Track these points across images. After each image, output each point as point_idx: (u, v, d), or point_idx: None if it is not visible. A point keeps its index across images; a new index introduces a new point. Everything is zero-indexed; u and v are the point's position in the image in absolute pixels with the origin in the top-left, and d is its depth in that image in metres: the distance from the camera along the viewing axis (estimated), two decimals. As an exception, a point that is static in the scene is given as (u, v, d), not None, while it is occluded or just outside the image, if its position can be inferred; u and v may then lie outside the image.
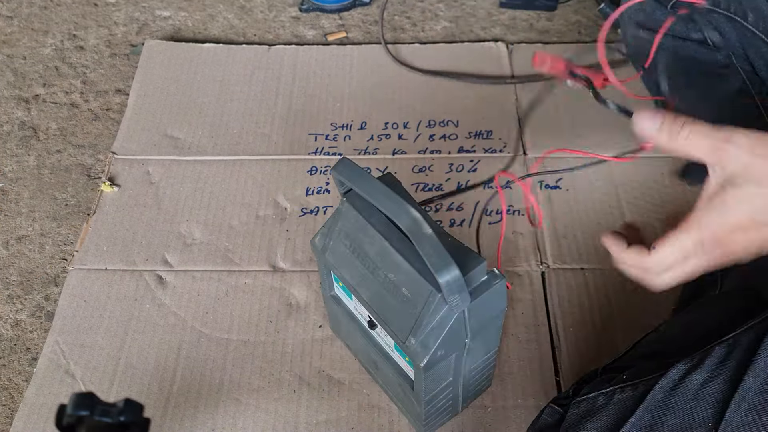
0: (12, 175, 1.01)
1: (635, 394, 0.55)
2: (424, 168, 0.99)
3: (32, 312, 0.87)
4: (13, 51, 1.18)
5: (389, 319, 0.60)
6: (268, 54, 1.15)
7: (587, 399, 0.58)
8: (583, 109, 1.05)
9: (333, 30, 1.22)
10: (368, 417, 0.76)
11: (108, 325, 0.83)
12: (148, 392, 0.78)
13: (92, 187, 0.99)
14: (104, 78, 1.14)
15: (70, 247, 0.92)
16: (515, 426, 0.75)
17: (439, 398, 0.67)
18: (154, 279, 0.87)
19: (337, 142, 1.02)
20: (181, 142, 1.02)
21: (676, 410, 0.52)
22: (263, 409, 0.77)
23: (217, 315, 0.84)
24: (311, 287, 0.86)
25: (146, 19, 1.24)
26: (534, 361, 0.80)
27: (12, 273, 0.90)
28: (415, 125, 1.04)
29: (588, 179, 0.97)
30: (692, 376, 0.53)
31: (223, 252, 0.90)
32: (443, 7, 1.26)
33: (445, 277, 0.51)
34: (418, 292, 0.57)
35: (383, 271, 0.59)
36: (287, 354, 0.81)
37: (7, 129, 1.06)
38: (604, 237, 0.55)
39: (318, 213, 0.94)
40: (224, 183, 0.97)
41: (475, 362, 0.66)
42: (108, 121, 1.07)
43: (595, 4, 1.24)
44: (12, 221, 0.95)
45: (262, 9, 1.26)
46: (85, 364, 0.80)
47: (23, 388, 0.80)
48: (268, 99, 1.08)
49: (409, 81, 1.10)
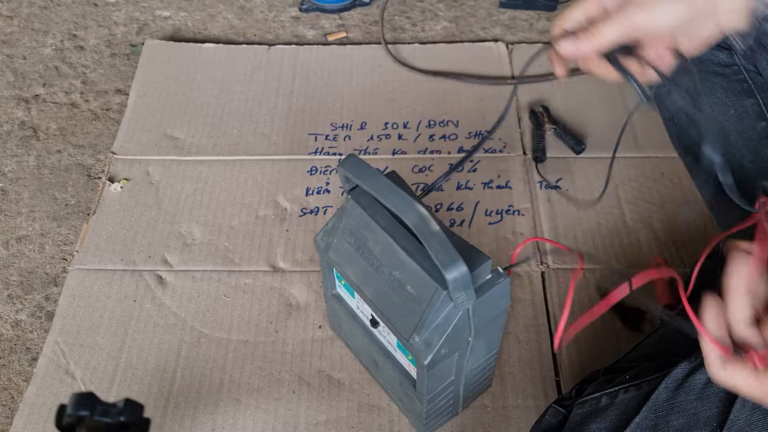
0: (12, 175, 1.00)
1: (639, 394, 0.55)
2: (424, 168, 0.99)
3: (32, 312, 0.86)
4: (13, 51, 1.18)
5: (393, 317, 0.60)
6: (268, 54, 1.15)
7: (591, 399, 0.58)
8: (583, 110, 1.05)
9: (333, 30, 1.22)
10: (368, 417, 0.76)
11: (108, 325, 0.83)
12: (148, 392, 0.78)
13: (92, 187, 0.98)
14: (104, 78, 1.14)
15: (70, 247, 0.92)
16: (515, 426, 0.75)
17: (441, 397, 0.67)
18: (154, 279, 0.87)
19: (337, 142, 1.02)
20: (181, 142, 1.02)
21: (680, 410, 0.52)
22: (263, 409, 0.77)
23: (217, 315, 0.84)
24: (311, 287, 0.86)
25: (146, 19, 1.24)
26: (534, 361, 0.80)
27: (12, 273, 0.90)
28: (415, 125, 1.04)
29: (588, 179, 0.97)
30: (696, 376, 0.53)
31: (223, 252, 0.90)
32: (443, 7, 1.26)
33: (452, 273, 0.51)
34: (423, 289, 0.57)
35: (388, 269, 0.59)
36: (287, 354, 0.81)
37: (7, 129, 1.06)
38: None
39: (318, 213, 0.94)
40: (224, 183, 0.97)
41: (476, 361, 0.66)
42: (108, 121, 1.07)
43: (595, 5, 1.24)
44: (12, 221, 0.95)
45: (262, 9, 1.26)
46: (85, 364, 0.80)
47: (23, 388, 0.79)
48: (268, 99, 1.08)
49: (409, 81, 1.10)
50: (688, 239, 0.90)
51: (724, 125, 0.68)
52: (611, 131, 0.93)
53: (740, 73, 0.67)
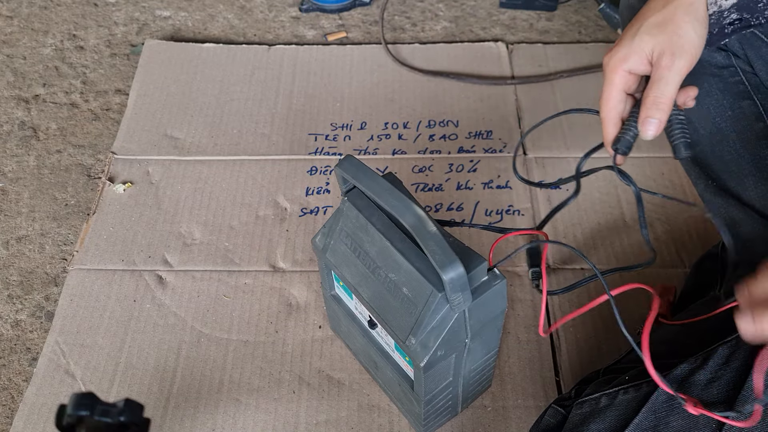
0: (12, 175, 1.00)
1: (638, 394, 0.55)
2: (424, 168, 0.99)
3: (32, 312, 0.86)
4: (13, 51, 1.18)
5: (389, 319, 0.60)
6: (268, 54, 1.15)
7: (590, 400, 0.58)
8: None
9: (333, 30, 1.22)
10: (368, 417, 0.76)
11: (108, 325, 0.83)
12: (148, 392, 0.78)
13: (92, 187, 0.99)
14: (104, 78, 1.14)
15: (70, 247, 0.92)
16: (515, 426, 0.75)
17: (439, 398, 0.67)
18: (154, 279, 0.87)
19: (337, 142, 1.02)
20: (181, 142, 1.02)
21: (680, 411, 0.52)
22: (263, 409, 0.77)
23: (217, 315, 0.84)
24: (311, 287, 0.86)
25: (146, 19, 1.24)
26: (534, 361, 0.80)
27: (12, 273, 0.90)
28: (415, 125, 1.04)
29: (588, 179, 0.96)
30: (696, 377, 0.53)
31: (223, 252, 0.90)
32: (443, 7, 1.26)
33: (449, 274, 0.51)
34: (418, 291, 0.57)
35: (384, 271, 0.59)
36: (287, 354, 0.81)
37: (7, 129, 1.06)
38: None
39: (318, 213, 0.94)
40: (224, 183, 0.97)
41: (475, 362, 0.66)
42: (108, 121, 1.07)
43: (595, 4, 1.24)
44: (12, 221, 0.95)
45: (262, 9, 1.26)
46: (85, 364, 0.80)
47: (23, 388, 0.79)
48: (268, 99, 1.08)
49: (409, 81, 1.10)
50: (688, 239, 0.90)
51: (721, 127, 0.68)
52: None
53: (737, 74, 0.67)
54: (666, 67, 0.55)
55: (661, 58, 0.56)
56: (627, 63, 0.57)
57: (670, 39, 0.56)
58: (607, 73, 0.59)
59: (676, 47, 0.55)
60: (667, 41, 0.56)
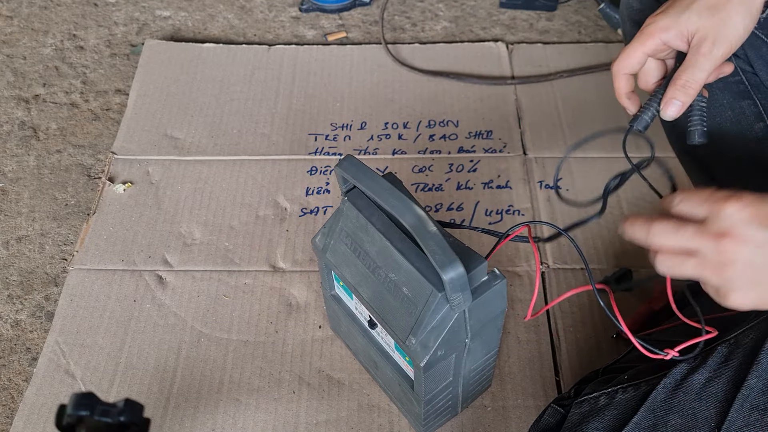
0: (12, 175, 1.00)
1: (637, 394, 0.55)
2: (424, 168, 0.99)
3: (32, 312, 0.86)
4: (13, 51, 1.18)
5: (389, 319, 0.60)
6: (268, 54, 1.15)
7: (589, 399, 0.58)
8: (583, 110, 1.05)
9: (333, 30, 1.22)
10: (368, 417, 0.76)
11: (108, 325, 0.83)
12: (148, 392, 0.78)
13: (92, 187, 0.99)
14: (104, 78, 1.14)
15: (70, 247, 0.92)
16: (515, 426, 0.75)
17: (439, 398, 0.67)
18: (154, 279, 0.87)
19: (337, 142, 1.02)
20: (181, 142, 1.02)
21: (679, 410, 0.52)
22: (263, 409, 0.77)
23: (217, 315, 0.84)
24: (311, 287, 0.86)
25: (146, 19, 1.24)
26: (534, 361, 0.80)
27: (12, 273, 0.90)
28: (415, 125, 1.04)
29: (587, 179, 0.97)
30: (695, 376, 0.53)
31: (223, 252, 0.90)
32: (443, 7, 1.26)
33: (449, 274, 0.51)
34: (418, 291, 0.57)
35: (384, 271, 0.59)
36: (287, 354, 0.81)
37: (7, 129, 1.06)
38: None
39: (318, 213, 0.94)
40: (224, 183, 0.97)
41: (475, 362, 0.66)
42: (108, 121, 1.07)
43: (595, 4, 1.24)
44: (12, 221, 0.95)
45: (262, 9, 1.26)
46: (85, 364, 0.80)
47: (23, 388, 0.79)
48: (268, 99, 1.08)
49: (409, 81, 1.10)
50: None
51: (722, 127, 0.68)
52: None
53: (737, 74, 0.67)
54: (704, 54, 0.55)
55: (701, 43, 0.55)
56: (666, 33, 0.56)
57: (717, 26, 0.55)
58: (643, 34, 0.58)
59: (720, 36, 0.54)
60: (713, 27, 0.55)
